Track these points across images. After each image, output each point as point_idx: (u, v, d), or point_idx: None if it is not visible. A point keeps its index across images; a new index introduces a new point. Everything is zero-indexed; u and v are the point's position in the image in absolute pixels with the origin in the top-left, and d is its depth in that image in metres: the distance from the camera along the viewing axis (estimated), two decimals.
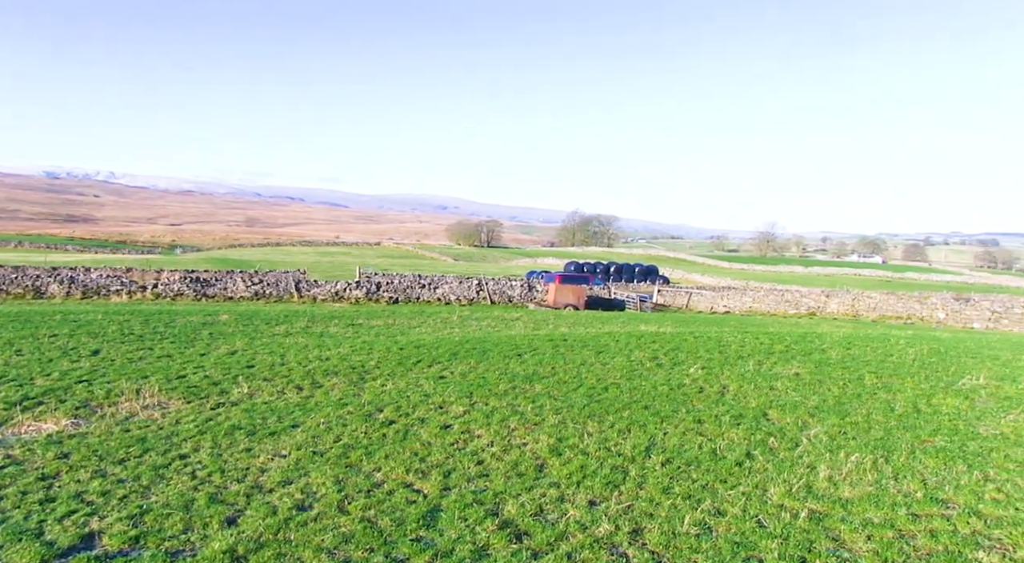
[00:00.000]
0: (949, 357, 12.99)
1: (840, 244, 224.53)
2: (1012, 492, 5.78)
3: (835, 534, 4.93)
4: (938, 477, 6.16)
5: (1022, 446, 7.14)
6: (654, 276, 69.82)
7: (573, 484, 5.89)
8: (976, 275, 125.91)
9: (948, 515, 5.29)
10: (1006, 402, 9.19)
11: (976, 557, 4.55)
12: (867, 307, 39.31)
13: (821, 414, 8.42)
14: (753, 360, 12.04)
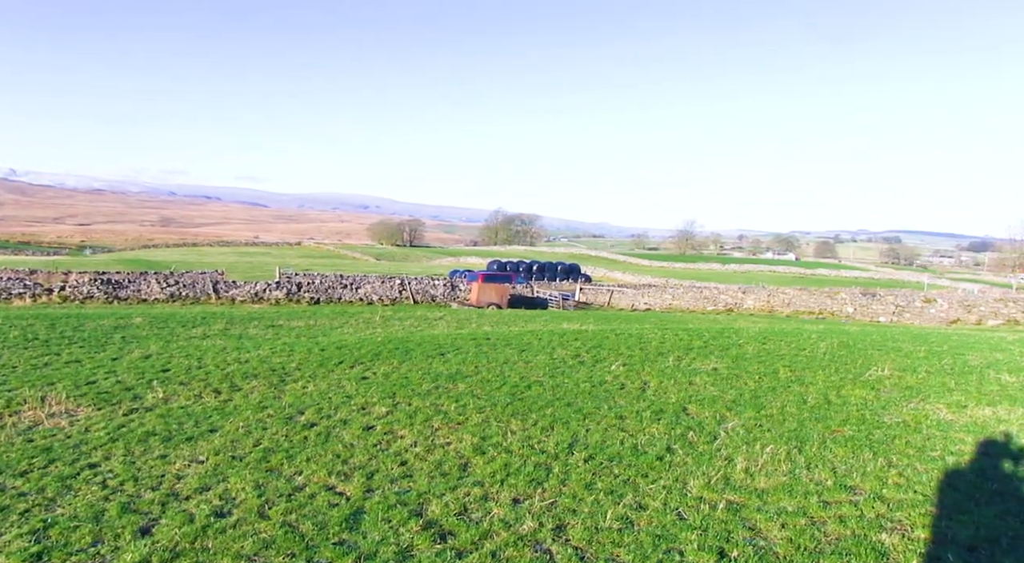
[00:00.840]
0: (857, 350, 13.64)
1: (756, 242, 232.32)
2: (912, 476, 6.13)
3: (751, 524, 5.13)
4: (847, 465, 6.48)
5: (921, 433, 7.58)
6: (576, 274, 70.71)
7: (497, 482, 5.94)
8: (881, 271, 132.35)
9: (855, 501, 5.57)
10: (908, 391, 9.73)
11: (880, 539, 4.81)
12: (781, 303, 40.79)
13: (738, 408, 8.73)
14: (673, 356, 12.37)
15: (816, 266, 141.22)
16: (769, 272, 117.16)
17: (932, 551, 4.61)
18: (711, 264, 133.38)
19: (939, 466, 6.44)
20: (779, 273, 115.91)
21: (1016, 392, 9.69)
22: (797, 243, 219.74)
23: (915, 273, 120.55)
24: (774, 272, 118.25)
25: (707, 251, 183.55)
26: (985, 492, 5.77)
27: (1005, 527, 4.99)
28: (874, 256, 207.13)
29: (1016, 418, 8.21)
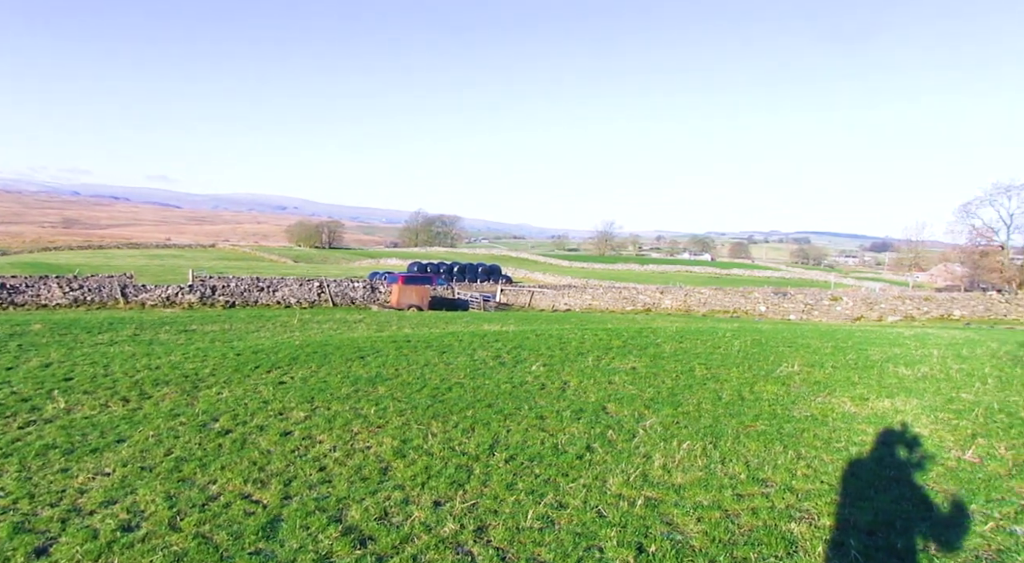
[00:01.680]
0: (769, 347, 14.20)
1: (673, 243, 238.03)
2: (819, 467, 6.47)
3: (669, 518, 5.32)
4: (759, 458, 6.78)
5: (827, 425, 8.00)
6: (497, 275, 71.05)
7: (418, 485, 5.98)
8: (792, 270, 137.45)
9: (767, 493, 5.84)
10: (816, 386, 10.22)
11: (789, 528, 5.07)
12: (698, 302, 41.94)
13: (656, 405, 8.99)
14: (592, 356, 12.61)
15: (731, 266, 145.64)
16: (686, 272, 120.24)
17: (836, 537, 4.89)
18: (630, 265, 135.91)
19: (843, 457, 6.81)
20: (695, 273, 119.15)
21: (912, 384, 10.30)
22: (713, 244, 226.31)
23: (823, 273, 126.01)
24: (691, 272, 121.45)
25: (626, 252, 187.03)
26: (883, 479, 6.14)
27: (899, 511, 5.33)
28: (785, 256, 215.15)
29: (911, 408, 8.74)
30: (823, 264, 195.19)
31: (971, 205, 79.29)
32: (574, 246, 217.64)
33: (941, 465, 6.54)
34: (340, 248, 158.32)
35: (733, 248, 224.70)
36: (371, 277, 48.32)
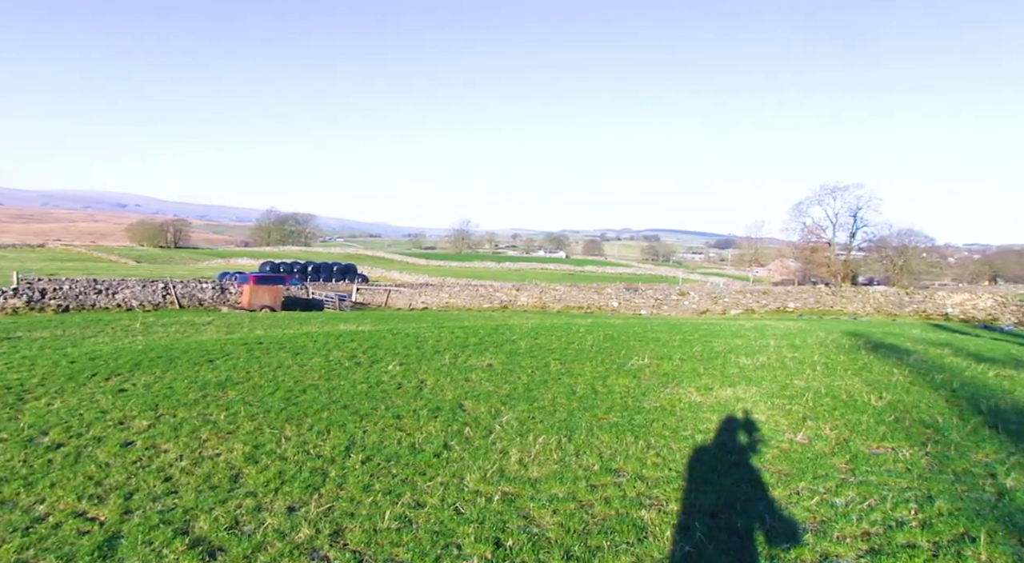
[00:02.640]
0: (621, 341, 14.79)
1: (529, 240, 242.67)
2: (667, 455, 6.83)
3: (526, 512, 5.45)
4: (612, 450, 7.06)
5: (675, 415, 8.45)
6: (353, 275, 70.10)
7: (271, 491, 5.82)
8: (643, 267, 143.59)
9: (619, 483, 6.11)
10: (664, 378, 10.76)
11: (640, 515, 5.33)
12: (553, 299, 42.96)
13: (512, 401, 9.17)
14: (449, 354, 12.68)
15: (585, 263, 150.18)
16: (542, 269, 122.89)
17: (683, 521, 5.19)
18: (486, 262, 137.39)
19: (690, 444, 7.22)
20: (551, 270, 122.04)
21: (751, 373, 11.06)
22: (567, 241, 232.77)
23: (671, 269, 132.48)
24: (546, 269, 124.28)
25: (483, 250, 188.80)
26: (726, 464, 6.57)
27: (740, 493, 5.73)
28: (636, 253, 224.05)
29: (750, 396, 9.39)
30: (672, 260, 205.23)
31: (802, 205, 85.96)
32: (431, 244, 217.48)
33: (776, 447, 7.07)
34: (187, 248, 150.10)
35: (587, 245, 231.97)
36: (221, 277, 46.55)
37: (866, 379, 10.59)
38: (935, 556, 4.51)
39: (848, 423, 7.91)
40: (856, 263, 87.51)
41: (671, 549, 4.73)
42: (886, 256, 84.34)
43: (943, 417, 8.15)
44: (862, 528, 4.98)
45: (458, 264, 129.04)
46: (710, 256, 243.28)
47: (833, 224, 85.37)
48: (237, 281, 38.42)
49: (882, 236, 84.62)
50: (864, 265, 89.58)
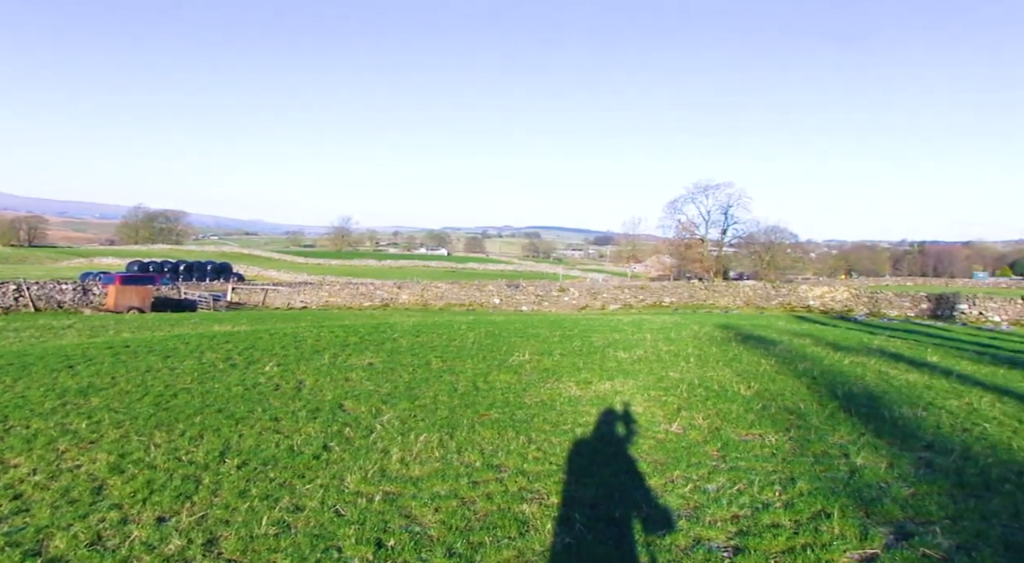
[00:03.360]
0: (502, 338, 14.93)
1: (410, 238, 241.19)
2: (548, 449, 6.95)
3: (407, 511, 5.41)
4: (493, 446, 7.11)
5: (556, 409, 8.61)
6: (228, 274, 67.97)
7: (138, 502, 5.52)
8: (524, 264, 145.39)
9: (501, 478, 6.16)
10: (545, 373, 10.94)
11: (521, 509, 5.39)
12: (435, 296, 42.88)
13: (393, 400, 9.09)
14: (329, 353, 12.44)
15: (466, 260, 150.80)
16: (423, 267, 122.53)
17: (563, 513, 5.30)
18: (367, 260, 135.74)
19: (570, 438, 7.37)
20: (433, 268, 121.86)
21: (629, 367, 11.42)
22: (449, 239, 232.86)
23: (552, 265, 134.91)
24: (428, 267, 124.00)
25: (363, 248, 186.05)
26: (604, 455, 6.76)
27: (618, 483, 5.90)
28: (517, 250, 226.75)
29: (628, 389, 9.70)
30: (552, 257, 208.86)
31: (677, 202, 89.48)
32: (310, 242, 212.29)
33: (652, 438, 7.33)
34: (44, 246, 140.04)
35: (469, 243, 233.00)
36: (83, 278, 44.07)
37: (736, 369, 11.15)
38: (796, 534, 4.81)
39: (719, 412, 8.30)
40: (727, 258, 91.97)
41: (552, 541, 4.81)
42: (755, 252, 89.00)
43: (805, 403, 8.70)
44: (732, 512, 5.24)
45: (338, 262, 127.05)
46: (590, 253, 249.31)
47: (706, 221, 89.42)
48: (101, 281, 36.49)
49: (751, 233, 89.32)
50: (735, 260, 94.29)
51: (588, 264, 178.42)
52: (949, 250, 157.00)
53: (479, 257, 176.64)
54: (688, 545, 4.71)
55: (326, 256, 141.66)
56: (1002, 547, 4.50)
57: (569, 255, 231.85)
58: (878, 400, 8.86)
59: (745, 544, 4.68)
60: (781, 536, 4.78)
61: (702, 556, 4.53)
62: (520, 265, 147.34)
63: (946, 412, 8.27)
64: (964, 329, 27.85)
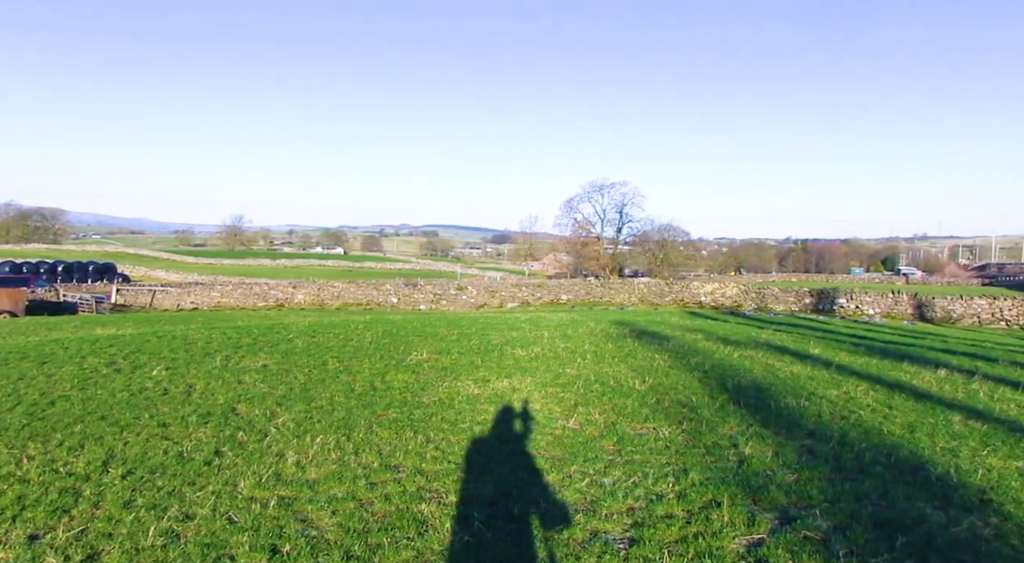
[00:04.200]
0: (400, 337, 14.81)
1: (305, 236, 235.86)
2: (446, 448, 6.93)
3: (303, 515, 5.28)
4: (391, 446, 7.03)
5: (454, 408, 8.59)
6: (112, 274, 65.01)
7: (7, 520, 5.16)
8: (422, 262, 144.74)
9: (399, 478, 6.10)
10: (443, 372, 10.91)
11: (420, 509, 5.35)
12: (331, 296, 42.14)
13: (288, 402, 8.87)
14: (221, 356, 12.02)
15: (363, 259, 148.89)
16: (319, 266, 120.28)
17: (462, 512, 5.29)
18: (261, 260, 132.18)
19: (468, 436, 7.37)
20: (329, 267, 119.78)
21: (526, 364, 11.53)
22: (345, 237, 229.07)
23: (450, 264, 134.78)
24: (324, 266, 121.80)
25: (257, 247, 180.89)
26: (503, 453, 6.79)
27: (517, 480, 5.94)
28: (415, 249, 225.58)
29: (526, 386, 9.78)
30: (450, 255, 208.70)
31: (573, 201, 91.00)
32: (201, 242, 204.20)
33: (550, 434, 7.42)
34: None
35: (365, 241, 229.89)
36: None
37: (631, 365, 11.43)
38: (688, 523, 4.97)
39: (615, 407, 8.49)
40: (623, 256, 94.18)
41: (451, 540, 4.80)
42: (649, 250, 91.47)
43: (697, 397, 9.00)
44: (627, 504, 5.37)
45: (231, 262, 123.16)
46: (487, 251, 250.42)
47: (601, 219, 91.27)
48: None
49: (645, 231, 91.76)
50: (630, 258, 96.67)
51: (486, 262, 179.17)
52: (829, 247, 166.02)
53: (376, 256, 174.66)
54: (585, 539, 4.79)
55: (218, 256, 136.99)
56: (872, 525, 4.81)
57: (467, 253, 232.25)
58: (765, 392, 9.27)
59: (640, 535, 4.80)
60: (674, 526, 4.93)
61: (599, 549, 4.61)
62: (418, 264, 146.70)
63: (826, 401, 8.74)
64: (843, 322, 29.49)
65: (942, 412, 8.16)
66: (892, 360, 12.51)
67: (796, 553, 4.44)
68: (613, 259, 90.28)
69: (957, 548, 4.47)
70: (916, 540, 4.57)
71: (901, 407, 8.46)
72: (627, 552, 4.57)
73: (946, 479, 5.73)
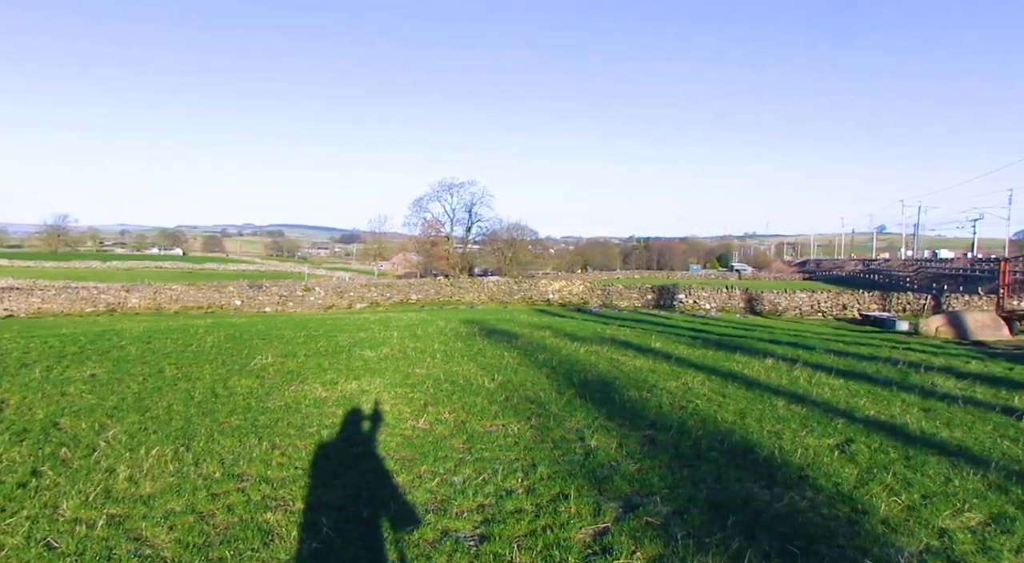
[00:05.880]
0: (243, 341, 14.20)
1: (140, 237, 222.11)
2: (293, 454, 6.70)
3: (137, 533, 4.94)
4: (235, 454, 6.72)
5: (301, 412, 8.33)
6: None
7: None
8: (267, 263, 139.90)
9: (243, 488, 5.83)
10: (289, 375, 10.57)
11: (265, 518, 5.15)
12: (169, 299, 39.88)
13: (120, 413, 8.27)
14: (41, 366, 11.05)
15: (205, 261, 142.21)
16: (156, 268, 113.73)
17: (309, 518, 5.13)
18: (90, 262, 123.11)
19: (316, 440, 7.16)
20: (167, 269, 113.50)
21: (375, 365, 11.37)
22: (185, 238, 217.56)
23: (297, 264, 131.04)
24: (161, 268, 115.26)
25: (84, 248, 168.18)
26: (352, 456, 6.65)
27: (366, 483, 5.84)
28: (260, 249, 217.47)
29: (375, 387, 9.64)
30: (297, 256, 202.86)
31: (423, 200, 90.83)
32: (16, 242, 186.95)
33: (400, 435, 7.35)
34: None
35: (207, 242, 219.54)
36: None
37: (481, 363, 11.53)
38: (537, 517, 5.07)
39: (465, 406, 8.53)
40: (472, 255, 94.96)
41: (298, 548, 4.65)
42: (498, 249, 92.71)
43: (544, 392, 9.21)
44: (477, 501, 5.40)
45: (53, 264, 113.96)
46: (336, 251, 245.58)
47: (451, 219, 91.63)
48: None
49: (494, 230, 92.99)
50: (480, 257, 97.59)
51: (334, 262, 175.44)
52: (670, 245, 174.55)
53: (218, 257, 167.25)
54: (436, 538, 4.78)
55: (37, 258, 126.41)
56: (707, 507, 5.11)
57: (315, 254, 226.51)
58: (610, 385, 9.62)
59: (490, 531, 4.84)
60: (523, 520, 5.01)
61: (450, 547, 4.61)
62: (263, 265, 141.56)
63: (667, 392, 9.19)
64: (682, 317, 31.09)
65: (769, 398, 8.81)
66: (726, 351, 13.33)
67: (639, 539, 4.63)
68: (463, 258, 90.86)
69: (779, 522, 4.83)
70: (745, 518, 4.89)
71: (734, 395, 9.05)
72: (478, 549, 4.60)
73: (771, 460, 6.19)
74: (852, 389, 9.57)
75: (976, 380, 10.45)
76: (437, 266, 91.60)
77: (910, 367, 11.54)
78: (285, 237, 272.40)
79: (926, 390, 9.48)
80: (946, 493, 5.40)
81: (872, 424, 7.53)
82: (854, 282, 79.23)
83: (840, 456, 6.37)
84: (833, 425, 7.45)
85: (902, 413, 8.09)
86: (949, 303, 38.41)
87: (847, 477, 5.77)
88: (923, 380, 10.30)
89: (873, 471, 5.93)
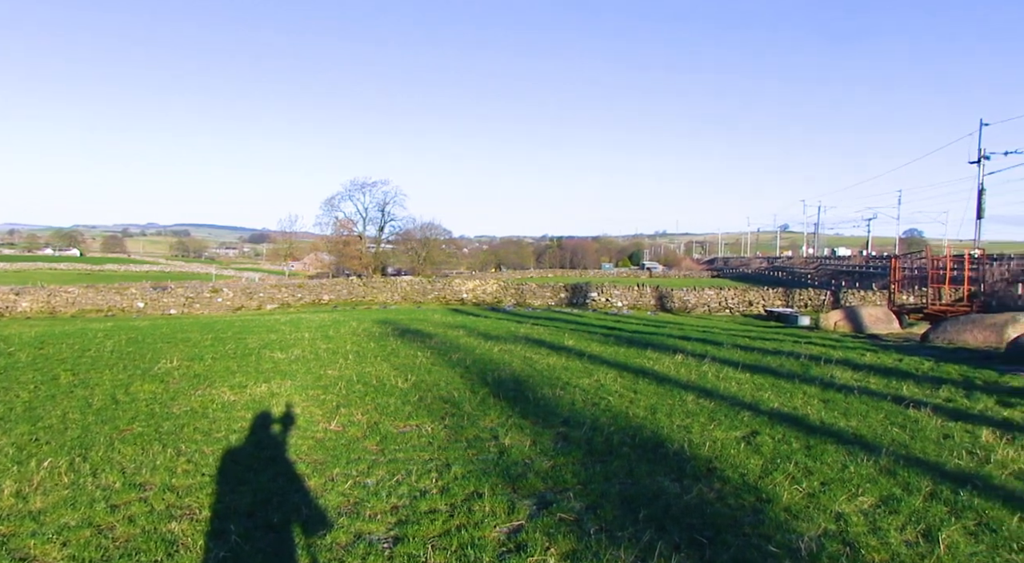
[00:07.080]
0: (147, 344, 13.62)
1: (32, 237, 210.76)
2: (200, 460, 6.45)
3: (25, 553, 4.63)
4: (136, 463, 6.41)
5: (208, 417, 8.03)
6: None
7: None
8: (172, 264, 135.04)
9: (145, 497, 5.57)
10: (196, 379, 10.19)
11: (170, 528, 4.93)
12: (65, 302, 37.97)
13: (8, 424, 7.78)
14: None
15: (104, 262, 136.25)
16: (50, 270, 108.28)
17: (217, 526, 4.94)
18: None
19: (223, 446, 6.92)
20: (62, 270, 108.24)
21: (286, 367, 11.09)
22: (82, 238, 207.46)
23: (204, 265, 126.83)
24: (55, 270, 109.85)
25: None
26: (261, 460, 6.45)
27: (276, 488, 5.68)
28: (164, 250, 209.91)
29: (286, 390, 9.40)
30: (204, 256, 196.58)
31: (334, 199, 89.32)
32: None
33: (312, 438, 7.18)
34: None
35: (107, 242, 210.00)
36: None
37: (394, 363, 11.40)
38: (451, 516, 5.03)
39: (378, 407, 8.41)
40: (386, 255, 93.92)
41: (204, 558, 4.47)
42: (412, 248, 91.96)
43: (459, 392, 9.17)
44: (391, 503, 5.32)
45: None
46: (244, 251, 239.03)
47: (364, 218, 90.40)
48: None
49: (408, 229, 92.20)
50: (393, 257, 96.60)
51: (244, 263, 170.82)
52: (582, 244, 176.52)
53: (120, 257, 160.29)
54: (349, 541, 4.68)
55: None
56: (619, 501, 5.18)
57: (223, 254, 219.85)
58: (523, 384, 9.66)
59: (404, 533, 4.77)
60: (438, 520, 4.96)
61: (363, 550, 4.52)
62: (168, 265, 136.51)
63: (579, 390, 9.28)
64: (595, 315, 31.54)
65: (679, 393, 9.01)
66: (637, 348, 13.58)
67: (552, 535, 4.65)
68: (376, 258, 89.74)
69: (688, 513, 4.93)
70: (656, 511, 4.98)
71: (645, 391, 9.22)
72: (391, 551, 4.53)
73: (681, 453, 6.33)
74: (758, 383, 9.90)
75: (870, 371, 10.98)
76: (350, 266, 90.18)
77: (811, 360, 12.03)
78: (191, 237, 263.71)
79: (825, 382, 9.90)
80: (843, 479, 5.64)
81: (776, 416, 7.81)
82: (759, 279, 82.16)
83: (746, 448, 6.57)
84: (740, 418, 7.69)
85: (804, 405, 8.42)
86: (846, 299, 40.43)
87: (752, 468, 5.95)
88: (823, 373, 10.75)
89: (777, 461, 6.14)
